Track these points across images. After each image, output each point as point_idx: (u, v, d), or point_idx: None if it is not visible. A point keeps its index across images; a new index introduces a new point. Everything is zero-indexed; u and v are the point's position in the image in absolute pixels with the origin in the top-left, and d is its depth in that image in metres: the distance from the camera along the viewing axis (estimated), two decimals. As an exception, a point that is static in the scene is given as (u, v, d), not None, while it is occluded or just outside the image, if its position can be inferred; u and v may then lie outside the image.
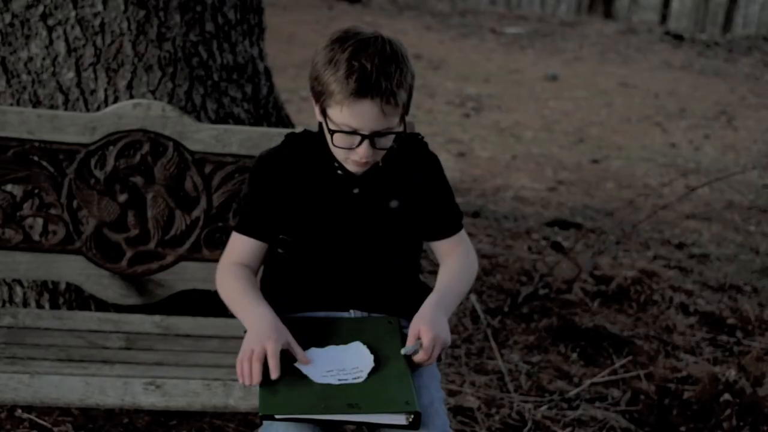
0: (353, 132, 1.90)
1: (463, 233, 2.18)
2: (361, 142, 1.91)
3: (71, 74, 2.72)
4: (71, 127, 2.41)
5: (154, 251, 2.50)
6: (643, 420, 3.12)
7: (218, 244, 2.53)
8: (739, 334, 4.01)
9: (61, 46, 2.71)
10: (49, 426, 2.54)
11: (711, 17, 41.90)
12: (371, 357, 1.91)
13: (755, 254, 5.43)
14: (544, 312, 3.87)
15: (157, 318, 2.46)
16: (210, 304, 2.66)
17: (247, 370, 1.84)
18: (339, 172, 2.04)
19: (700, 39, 23.43)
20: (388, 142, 1.96)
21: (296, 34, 15.29)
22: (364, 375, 1.87)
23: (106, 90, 2.74)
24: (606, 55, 19.77)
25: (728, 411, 3.06)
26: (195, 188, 2.49)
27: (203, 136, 2.47)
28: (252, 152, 2.42)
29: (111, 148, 2.44)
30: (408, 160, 2.09)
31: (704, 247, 5.44)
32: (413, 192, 2.09)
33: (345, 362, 1.91)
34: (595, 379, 3.35)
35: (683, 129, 11.48)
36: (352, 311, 2.08)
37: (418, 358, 1.91)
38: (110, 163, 2.45)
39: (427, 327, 1.91)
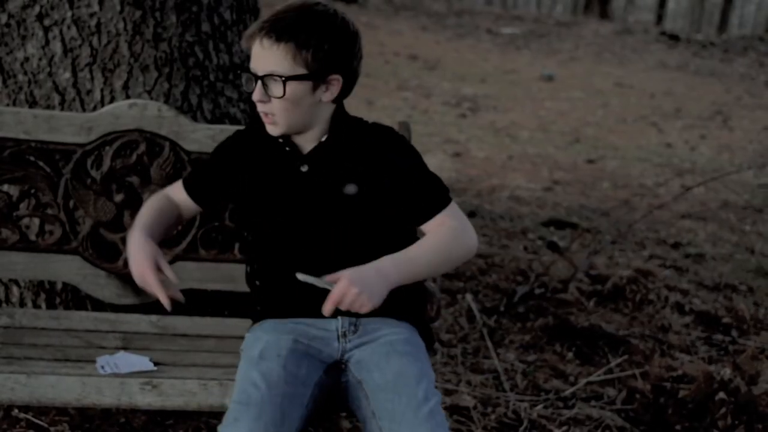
0: (254, 77, 1.94)
1: (450, 209, 2.01)
2: (254, 85, 1.94)
3: (67, 74, 2.72)
4: (67, 128, 2.42)
5: (150, 251, 2.50)
6: (638, 419, 3.13)
7: (214, 243, 2.54)
8: (734, 333, 4.02)
9: (57, 47, 2.71)
10: (46, 426, 2.54)
11: (707, 17, 41.96)
12: None
13: (750, 254, 5.45)
14: (540, 311, 3.88)
15: (153, 317, 2.46)
16: (207, 303, 2.67)
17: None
18: (287, 148, 2.03)
19: (696, 39, 23.48)
20: (280, 90, 1.91)
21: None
22: None
23: (102, 90, 2.73)
24: (602, 55, 19.81)
25: (723, 409, 3.06)
26: (191, 188, 2.49)
27: (199, 136, 2.47)
28: (248, 152, 2.42)
29: (107, 148, 2.45)
30: (371, 146, 2.01)
31: (700, 247, 5.45)
32: (375, 178, 1.99)
33: None
34: (591, 378, 3.36)
35: (679, 129, 11.51)
36: (339, 318, 2.00)
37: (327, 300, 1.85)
38: (106, 163, 2.46)
39: (351, 279, 1.82)
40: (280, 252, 2.05)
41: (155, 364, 2.18)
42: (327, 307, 1.84)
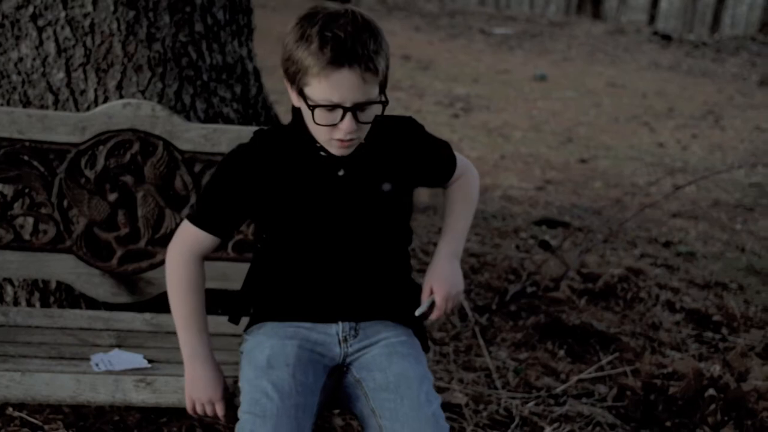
0: (334, 106, 1.82)
1: (459, 161, 2.17)
2: (343, 116, 1.83)
3: (61, 74, 2.74)
4: (61, 127, 2.43)
5: (144, 250, 2.52)
6: (629, 415, 3.15)
7: (208, 242, 2.55)
8: (724, 330, 4.05)
9: (51, 47, 2.72)
10: (40, 424, 2.55)
11: (699, 17, 42.07)
12: None
13: (741, 252, 5.48)
14: (532, 310, 3.90)
15: (147, 316, 2.48)
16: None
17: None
18: (322, 153, 1.96)
19: (688, 39, 23.54)
20: (370, 115, 1.88)
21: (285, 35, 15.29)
22: None
23: (96, 90, 2.75)
24: (594, 55, 19.85)
25: (713, 406, 3.09)
26: (185, 187, 2.51)
27: (193, 136, 2.49)
28: (241, 151, 2.44)
29: (101, 147, 2.46)
30: (398, 140, 2.05)
31: (691, 246, 5.48)
32: (405, 172, 2.04)
33: None
34: (582, 376, 3.38)
35: (671, 129, 11.54)
36: (340, 323, 2.03)
37: (433, 316, 2.00)
38: (100, 162, 2.47)
39: (440, 284, 1.99)
40: (309, 254, 2.01)
41: (149, 361, 2.20)
42: (436, 316, 2.01)
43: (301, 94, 1.86)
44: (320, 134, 1.89)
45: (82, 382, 2.07)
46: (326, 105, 1.82)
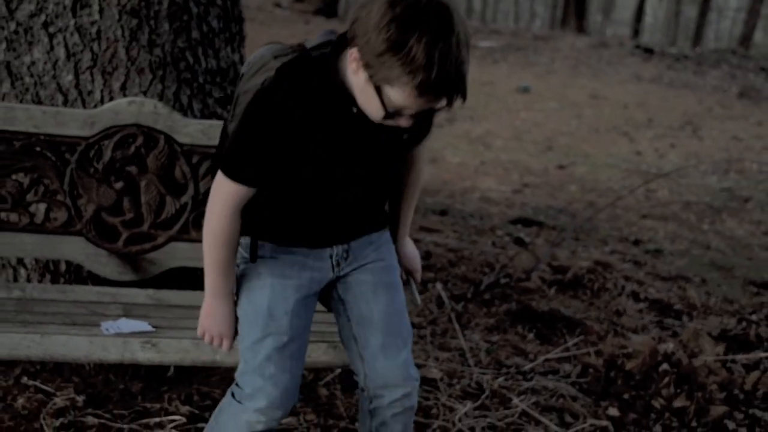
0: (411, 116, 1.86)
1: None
2: (408, 118, 1.88)
3: (70, 77, 3.01)
4: (72, 122, 2.71)
5: (147, 233, 2.79)
6: (590, 390, 3.43)
7: (204, 226, 2.83)
8: (684, 318, 4.34)
9: (61, 52, 3.00)
10: (53, 391, 2.82)
11: (682, 31, 42.55)
12: None
13: (706, 249, 5.78)
14: (504, 298, 4.19)
15: (150, 291, 2.75)
16: (197, 280, 2.96)
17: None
18: (354, 110, 1.94)
19: (670, 53, 23.91)
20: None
21: (274, 48, 15.58)
22: None
23: (102, 91, 3.02)
24: (578, 68, 20.20)
25: (666, 379, 3.38)
26: (183, 176, 2.79)
27: (191, 130, 2.77)
28: (234, 144, 2.72)
29: (108, 141, 2.74)
30: None
31: (659, 244, 5.79)
32: (419, 127, 2.04)
33: None
34: (549, 356, 3.66)
35: (650, 138, 11.86)
36: (334, 247, 2.18)
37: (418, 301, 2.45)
38: (107, 154, 2.75)
39: (415, 267, 2.41)
40: (319, 192, 2.07)
41: (153, 327, 2.47)
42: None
43: (378, 88, 1.82)
44: (373, 115, 1.90)
45: (94, 343, 2.34)
46: (399, 113, 1.85)
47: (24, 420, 2.69)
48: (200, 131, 2.77)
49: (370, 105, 1.87)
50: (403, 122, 1.88)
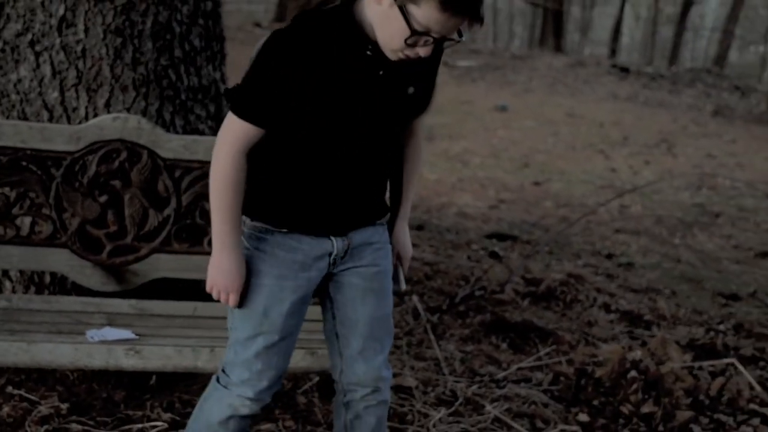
0: (427, 33, 1.94)
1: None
2: (429, 44, 1.97)
3: (56, 94, 3.10)
4: (58, 138, 2.80)
5: (130, 245, 2.89)
6: (561, 397, 3.54)
7: (187, 238, 2.93)
8: (654, 328, 4.47)
9: (47, 70, 3.09)
10: (37, 399, 2.89)
11: (659, 51, 43.06)
12: None
13: (677, 262, 5.92)
14: (479, 309, 4.29)
15: (132, 301, 2.84)
16: (179, 290, 3.05)
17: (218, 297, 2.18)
18: (368, 53, 2.03)
19: (646, 72, 24.23)
20: (445, 46, 2.06)
21: (254, 67, 15.72)
22: None
23: (86, 108, 3.12)
24: (555, 86, 20.45)
25: (635, 386, 3.49)
26: (166, 190, 2.88)
27: (174, 145, 2.87)
28: (215, 159, 2.82)
29: (93, 155, 2.83)
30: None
31: (631, 257, 5.92)
32: (422, 79, 2.16)
33: None
34: (522, 365, 3.77)
35: (625, 156, 12.05)
36: (334, 243, 2.19)
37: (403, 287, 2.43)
38: (92, 168, 2.84)
39: (405, 252, 2.42)
40: (335, 156, 2.11)
41: (137, 335, 2.56)
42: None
43: (403, 8, 1.92)
44: (394, 43, 1.98)
45: (79, 350, 2.43)
46: (423, 32, 1.94)
47: (9, 428, 2.76)
48: (183, 146, 2.87)
49: (393, 30, 1.95)
50: (422, 51, 1.97)
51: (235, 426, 2.23)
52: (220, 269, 2.14)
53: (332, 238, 2.20)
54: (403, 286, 2.45)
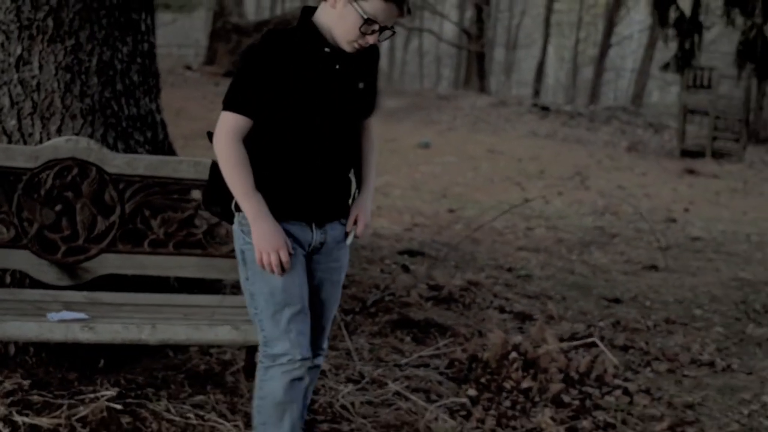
0: (374, 22, 2.55)
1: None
2: (379, 32, 2.58)
3: (14, 122, 3.64)
4: (20, 156, 3.33)
5: (82, 246, 3.42)
6: (454, 377, 4.14)
7: (130, 241, 3.47)
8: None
9: (6, 101, 3.63)
10: (1, 379, 3.38)
11: (582, 92, 44.58)
12: None
13: (571, 274, 6.61)
14: (387, 310, 4.89)
15: (84, 293, 3.37)
16: (124, 283, 3.58)
17: (270, 267, 2.63)
18: (326, 50, 2.63)
19: (565, 110, 25.30)
20: (384, 37, 2.64)
21: (185, 108, 16.28)
22: None
23: (41, 133, 3.66)
24: (477, 125, 21.37)
25: (515, 365, 4.11)
26: (112, 200, 3.43)
27: (118, 162, 3.42)
28: (154, 174, 3.39)
29: (49, 171, 3.37)
30: (370, 57, 2.73)
31: (530, 270, 6.59)
32: (369, 77, 2.74)
33: None
34: (422, 353, 4.37)
35: (540, 187, 12.83)
36: (314, 233, 2.70)
37: (351, 239, 2.84)
38: (49, 182, 3.37)
39: (363, 216, 2.80)
40: (308, 144, 2.64)
41: (90, 317, 3.09)
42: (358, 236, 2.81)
43: (356, 2, 2.53)
44: (350, 34, 2.58)
45: (42, 327, 2.96)
46: (371, 21, 2.54)
47: (-23, 403, 3.25)
48: (126, 163, 3.43)
49: (348, 24, 2.56)
50: (371, 39, 2.58)
51: (298, 388, 2.69)
52: (261, 236, 2.59)
53: (313, 229, 2.70)
54: (349, 241, 2.86)
